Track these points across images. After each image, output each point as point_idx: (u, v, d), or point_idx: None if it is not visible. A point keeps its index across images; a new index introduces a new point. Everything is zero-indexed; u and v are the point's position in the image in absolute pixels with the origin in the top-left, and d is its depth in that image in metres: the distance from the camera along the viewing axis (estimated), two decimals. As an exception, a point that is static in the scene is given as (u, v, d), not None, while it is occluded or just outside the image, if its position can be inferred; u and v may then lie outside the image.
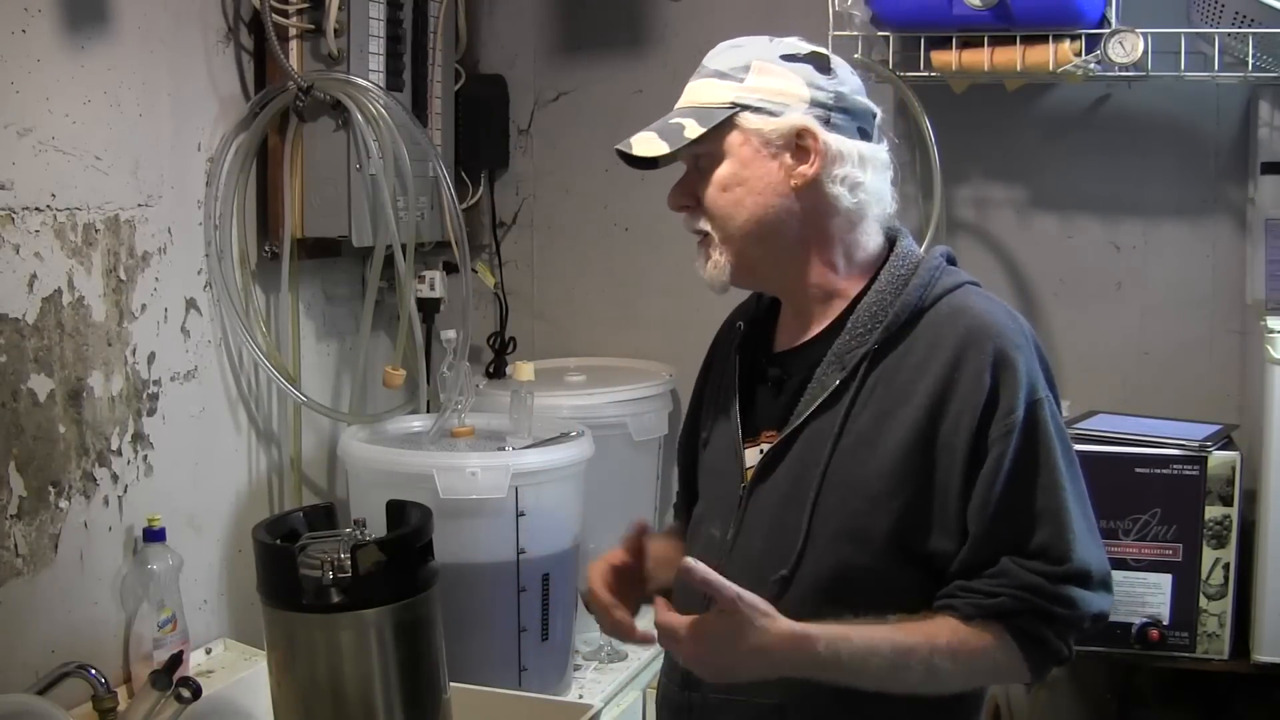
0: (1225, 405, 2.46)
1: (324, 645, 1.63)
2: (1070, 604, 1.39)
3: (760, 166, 1.48)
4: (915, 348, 1.45)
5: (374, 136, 2.27)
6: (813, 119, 1.46)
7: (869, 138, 1.51)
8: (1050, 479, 1.40)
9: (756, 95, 1.48)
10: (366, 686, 1.63)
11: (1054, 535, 1.39)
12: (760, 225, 1.49)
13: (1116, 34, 2.18)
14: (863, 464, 1.44)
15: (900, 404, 1.43)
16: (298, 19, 2.28)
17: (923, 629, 1.40)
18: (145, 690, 1.76)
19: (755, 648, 1.36)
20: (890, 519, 1.42)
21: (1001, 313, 1.46)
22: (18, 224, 1.85)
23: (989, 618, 1.39)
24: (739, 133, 1.48)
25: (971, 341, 1.42)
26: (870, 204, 1.50)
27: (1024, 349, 1.42)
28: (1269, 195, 2.35)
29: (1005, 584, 1.39)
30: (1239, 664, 2.15)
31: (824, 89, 1.48)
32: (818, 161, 1.46)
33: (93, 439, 1.99)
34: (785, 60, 1.49)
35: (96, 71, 1.98)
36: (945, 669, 1.39)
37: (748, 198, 1.48)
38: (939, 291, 1.47)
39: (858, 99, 1.51)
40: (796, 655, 1.37)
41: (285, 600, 1.64)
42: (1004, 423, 1.39)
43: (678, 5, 2.76)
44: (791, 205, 1.48)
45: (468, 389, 2.37)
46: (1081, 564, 1.39)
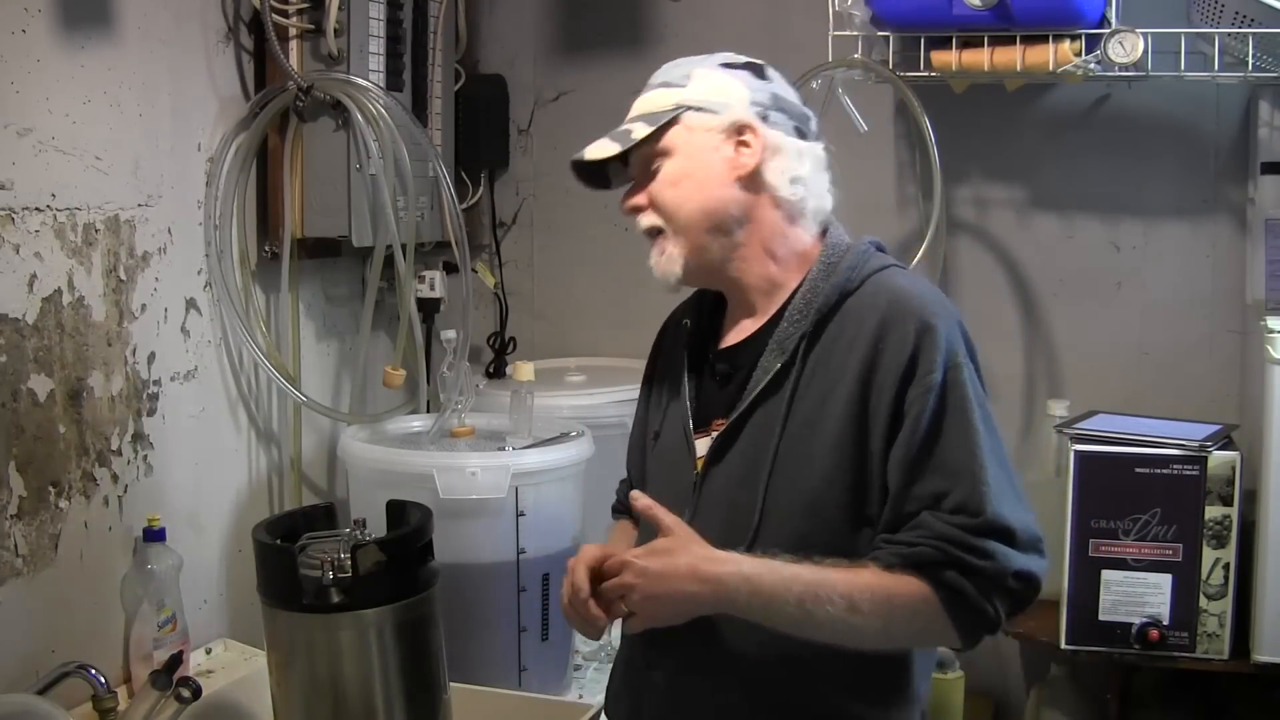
0: (1225, 405, 2.46)
1: (324, 645, 1.63)
2: (989, 556, 1.41)
3: (705, 160, 1.57)
4: (846, 327, 1.53)
5: (374, 136, 2.27)
6: (752, 115, 1.57)
7: (805, 137, 1.61)
8: (966, 437, 1.45)
9: (699, 97, 1.59)
10: (366, 686, 1.63)
11: (970, 491, 1.42)
12: (707, 215, 1.58)
13: (1116, 34, 2.18)
14: (808, 441, 1.51)
15: (837, 381, 1.51)
16: (298, 19, 2.28)
17: (846, 570, 1.45)
18: (145, 690, 1.76)
19: (686, 566, 1.46)
20: (838, 491, 1.49)
21: (923, 287, 1.56)
22: (18, 224, 1.85)
23: (909, 567, 1.43)
24: (684, 129, 1.58)
25: (894, 313, 1.50)
26: (808, 198, 1.59)
27: (944, 318, 1.49)
28: (1269, 195, 2.35)
29: (924, 534, 1.43)
30: (1239, 664, 2.15)
31: (761, 90, 1.59)
32: (758, 152, 1.56)
33: (93, 439, 1.99)
34: (724, 68, 1.61)
35: (96, 71, 1.98)
36: (865, 611, 1.43)
37: (695, 190, 1.58)
38: (865, 273, 1.55)
39: (793, 102, 1.62)
40: (721, 575, 1.45)
41: (285, 600, 1.64)
42: (922, 384, 1.46)
43: (678, 5, 2.76)
44: (736, 195, 1.58)
45: (468, 389, 2.37)
46: (999, 518, 1.41)
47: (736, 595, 1.45)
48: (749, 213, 1.58)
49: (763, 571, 1.45)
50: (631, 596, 1.49)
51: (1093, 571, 2.18)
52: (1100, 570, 2.18)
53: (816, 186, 1.60)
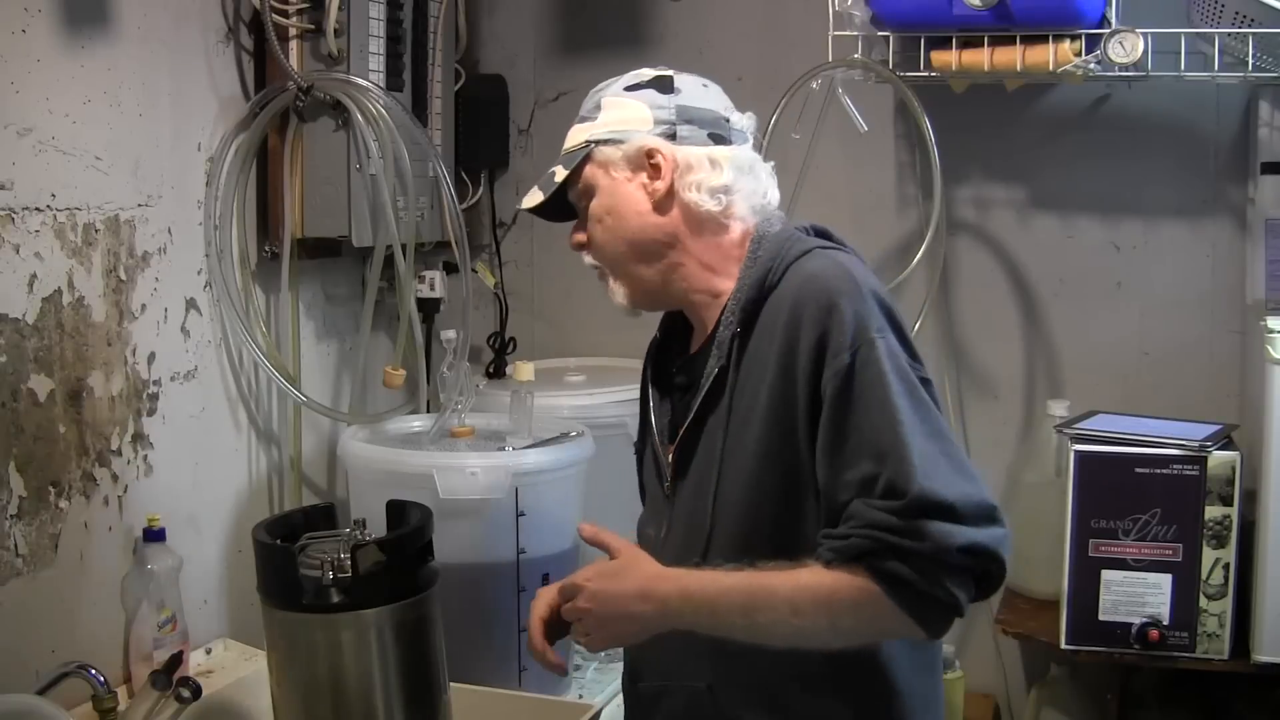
0: (1225, 405, 2.46)
1: (324, 645, 1.63)
2: (923, 536, 1.34)
3: (621, 192, 1.58)
4: (767, 320, 1.50)
5: (374, 136, 2.27)
6: (656, 137, 1.56)
7: (724, 141, 1.58)
8: (885, 415, 1.39)
9: (605, 129, 1.59)
10: (366, 686, 1.63)
11: (895, 471, 1.36)
12: (635, 246, 1.58)
13: (1116, 34, 2.18)
14: (746, 442, 1.50)
15: (762, 376, 1.49)
16: (298, 19, 2.28)
17: (787, 573, 1.42)
18: (145, 690, 1.76)
19: (634, 588, 1.49)
20: (774, 487, 1.47)
21: (830, 266, 1.49)
22: (18, 224, 1.85)
23: (847, 560, 1.38)
24: (596, 166, 1.59)
25: (802, 298, 1.46)
26: (735, 202, 1.57)
27: (850, 294, 1.44)
28: (1269, 195, 2.35)
29: (856, 525, 1.38)
30: (1239, 664, 2.15)
31: (665, 107, 1.57)
32: (668, 174, 1.55)
33: (93, 439, 1.99)
34: (629, 91, 1.60)
35: (96, 71, 1.98)
36: (809, 613, 1.40)
37: (618, 224, 1.59)
38: (786, 262, 1.52)
39: (703, 108, 1.58)
40: (668, 592, 1.47)
41: (285, 600, 1.64)
42: (833, 367, 1.42)
43: (678, 5, 2.76)
44: (658, 220, 1.57)
45: (468, 389, 2.37)
46: (929, 494, 1.34)
47: (682, 612, 1.46)
48: (675, 234, 1.57)
49: (705, 586, 1.45)
50: (586, 620, 1.52)
51: (1093, 571, 2.18)
52: (1100, 570, 2.18)
53: (746, 186, 1.58)
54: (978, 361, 2.68)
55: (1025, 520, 2.49)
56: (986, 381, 2.68)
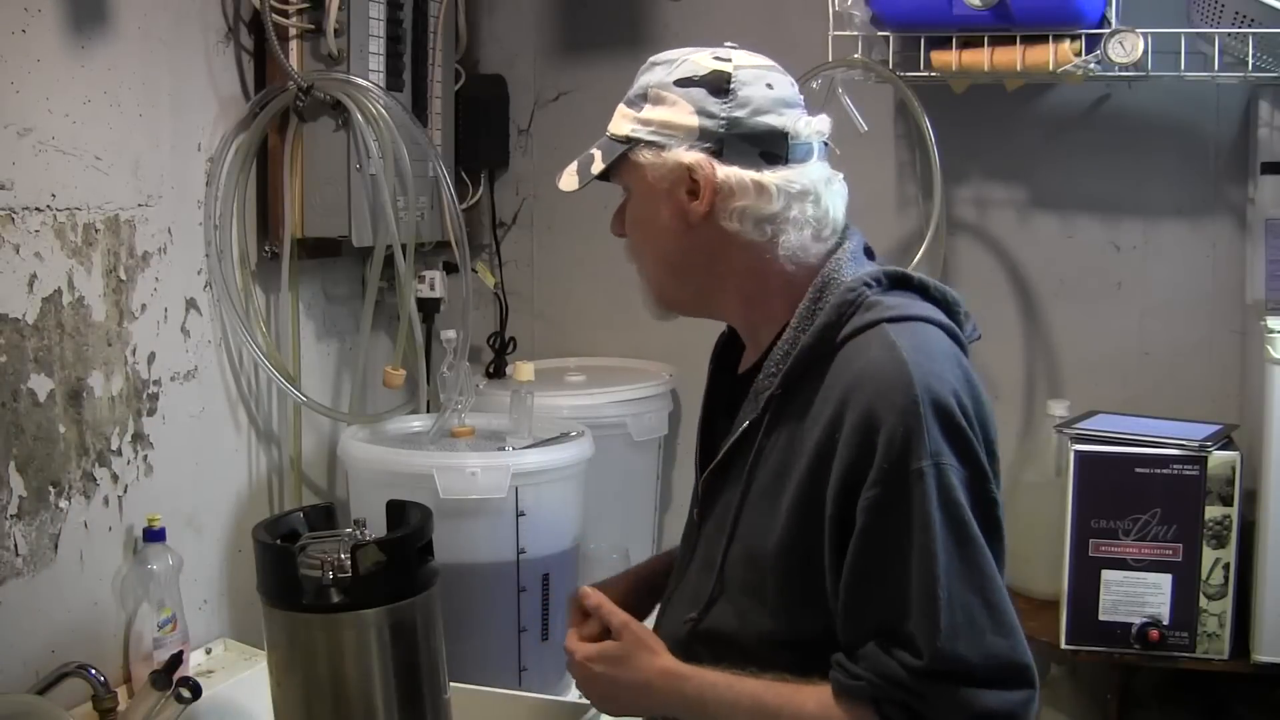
0: (1225, 405, 2.46)
1: (324, 645, 1.63)
2: (937, 701, 1.26)
3: (656, 204, 1.43)
4: (813, 399, 1.36)
5: (374, 136, 2.27)
6: (699, 153, 1.40)
7: (779, 160, 1.40)
8: (921, 563, 1.26)
9: (649, 128, 1.42)
10: (367, 686, 1.63)
11: (920, 625, 1.26)
12: (666, 263, 1.47)
13: (1116, 34, 2.18)
14: (762, 519, 1.39)
15: (795, 459, 1.36)
16: (298, 19, 2.28)
17: (792, 694, 1.34)
18: (145, 690, 1.76)
19: (635, 679, 1.44)
20: (784, 582, 1.38)
21: (890, 360, 1.31)
22: (18, 224, 1.84)
23: (856, 699, 1.31)
24: (634, 168, 1.44)
25: (849, 397, 1.31)
26: (785, 232, 1.41)
27: (904, 410, 1.28)
28: (1269, 195, 2.35)
29: (868, 668, 1.29)
30: (1239, 664, 2.15)
31: (715, 116, 1.40)
32: (708, 197, 1.40)
33: (93, 439, 1.99)
34: (679, 86, 1.41)
35: (96, 71, 1.98)
36: None
37: (650, 236, 1.47)
38: (850, 332, 1.36)
39: (760, 121, 1.40)
40: (669, 693, 1.42)
41: (285, 600, 1.64)
42: (869, 494, 1.28)
43: (678, 5, 2.76)
44: (693, 241, 1.43)
45: (468, 389, 2.37)
46: (951, 658, 1.25)
47: (682, 712, 1.42)
48: (711, 258, 1.43)
49: (707, 696, 1.39)
50: (585, 690, 1.52)
51: (1093, 571, 2.18)
52: (1100, 570, 2.18)
53: (800, 215, 1.40)
54: (978, 361, 2.63)
55: (1025, 520, 2.49)
56: (986, 381, 2.63)
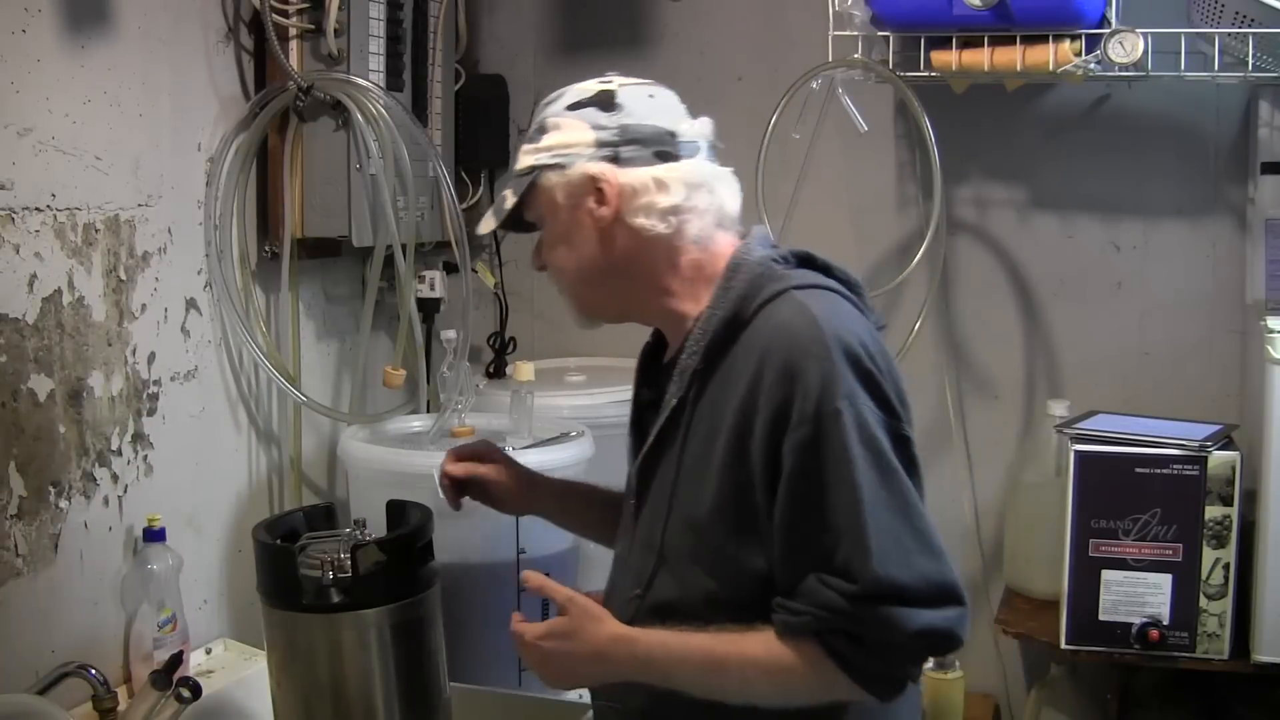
0: (1225, 405, 2.46)
1: (324, 645, 1.63)
2: (875, 622, 1.33)
3: (570, 219, 1.53)
4: (734, 365, 1.45)
5: (374, 136, 2.27)
6: (599, 162, 1.50)
7: (673, 156, 1.51)
8: (847, 494, 1.35)
9: (550, 153, 1.53)
10: (367, 686, 1.64)
11: (851, 552, 1.34)
12: (587, 273, 1.55)
13: (1116, 34, 2.18)
14: (698, 486, 1.46)
15: (719, 424, 1.44)
16: (298, 19, 2.28)
17: (739, 641, 1.41)
18: (145, 690, 1.76)
19: (587, 650, 1.48)
20: (726, 543, 1.44)
21: (801, 317, 1.41)
22: (18, 224, 1.85)
23: (800, 635, 1.38)
24: (544, 193, 1.54)
25: (767, 354, 1.40)
26: (688, 221, 1.51)
27: (817, 355, 1.37)
28: (1269, 195, 2.35)
29: (807, 603, 1.37)
30: (1239, 664, 2.15)
31: (607, 127, 1.50)
32: (614, 200, 1.49)
33: (93, 439, 1.99)
34: (571, 110, 1.53)
35: (96, 71, 1.98)
36: (760, 683, 1.41)
37: (569, 251, 1.55)
38: (760, 300, 1.45)
39: (647, 125, 1.51)
40: (622, 657, 1.46)
41: (285, 600, 1.64)
42: (793, 438, 1.37)
43: (678, 5, 2.76)
44: (608, 247, 1.52)
45: (468, 389, 2.37)
46: (884, 579, 1.33)
47: (636, 674, 1.47)
48: (627, 259, 1.52)
49: (656, 653, 1.45)
50: (541, 670, 1.54)
51: (1093, 571, 2.18)
52: (1100, 570, 2.18)
53: (699, 204, 1.51)
54: (978, 361, 2.68)
55: (1025, 520, 2.49)
56: (986, 381, 2.68)
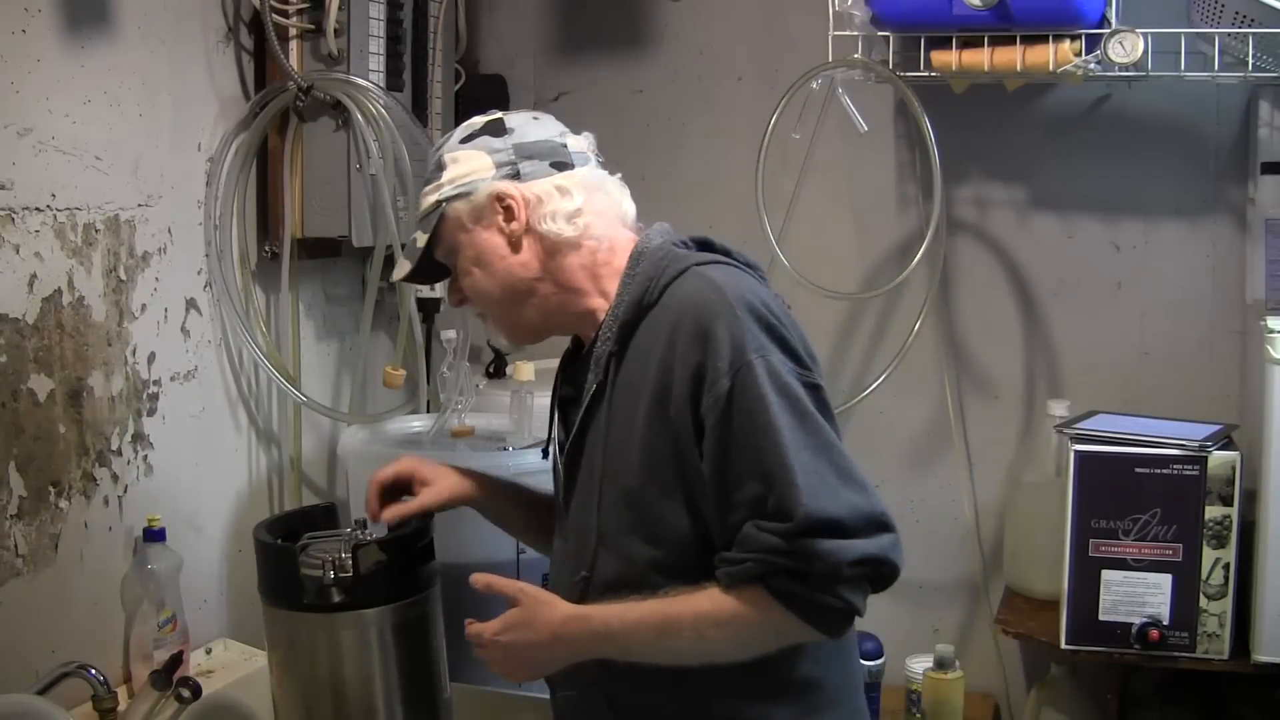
0: (1225, 405, 2.46)
1: (325, 644, 1.63)
2: (814, 555, 1.38)
3: (483, 242, 1.58)
4: (645, 342, 1.51)
5: (374, 136, 2.27)
6: (502, 180, 1.57)
7: (567, 165, 1.58)
8: (769, 439, 1.40)
9: (452, 186, 1.59)
10: (367, 686, 1.64)
11: (781, 494, 1.39)
12: (509, 290, 1.59)
13: (1116, 34, 2.18)
14: (625, 461, 1.51)
15: (638, 399, 1.50)
16: (298, 19, 2.28)
17: (687, 601, 1.45)
18: (145, 690, 1.76)
19: (544, 636, 1.52)
20: (659, 509, 1.49)
21: (705, 287, 1.48)
22: (18, 224, 1.85)
23: (744, 583, 1.42)
24: (452, 223, 1.60)
25: (678, 324, 1.47)
26: (592, 222, 1.57)
27: (725, 316, 1.44)
28: (1269, 195, 2.35)
29: (748, 549, 1.41)
30: (1239, 664, 2.15)
31: (502, 149, 1.58)
32: (522, 213, 1.56)
33: (93, 439, 1.99)
34: (464, 143, 1.60)
35: (96, 71, 1.98)
36: (714, 636, 1.44)
37: (487, 274, 1.59)
38: (664, 282, 1.51)
39: (538, 140, 1.59)
40: (578, 636, 1.50)
41: (286, 600, 1.64)
42: (711, 394, 1.42)
43: (678, 5, 2.77)
44: (524, 260, 1.58)
45: (468, 389, 2.37)
46: (817, 514, 1.38)
47: (595, 650, 1.50)
48: (542, 268, 1.58)
49: (612, 624, 1.48)
50: (502, 666, 1.56)
51: (1093, 571, 2.18)
52: (1100, 570, 2.18)
53: (599, 205, 1.58)
54: (978, 361, 2.68)
55: (1025, 520, 2.49)
56: (986, 381, 2.68)
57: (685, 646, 1.46)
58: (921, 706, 2.47)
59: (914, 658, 2.51)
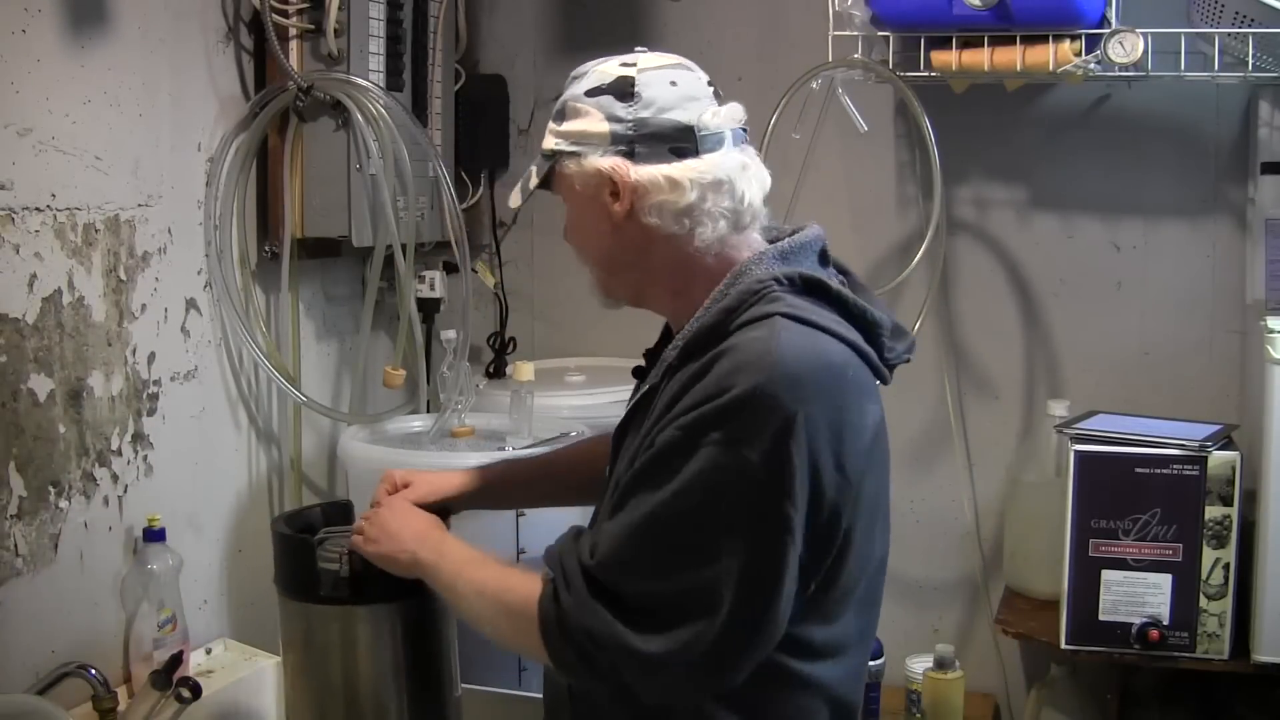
0: (1225, 405, 2.46)
1: (339, 637, 1.65)
2: (580, 597, 1.36)
3: (586, 209, 1.51)
4: (695, 368, 1.41)
5: (374, 136, 2.27)
6: (614, 157, 1.46)
7: (690, 153, 1.45)
8: (648, 501, 1.36)
9: (568, 140, 1.49)
10: (379, 679, 1.66)
11: (608, 538, 1.38)
12: (602, 262, 1.55)
13: (1116, 34, 2.18)
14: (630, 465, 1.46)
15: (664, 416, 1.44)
16: (298, 19, 2.28)
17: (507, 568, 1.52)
18: (145, 690, 1.76)
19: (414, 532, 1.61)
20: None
21: (764, 345, 1.35)
22: (18, 224, 1.84)
23: (544, 563, 1.45)
24: (563, 179, 1.52)
25: (716, 362, 1.37)
26: (702, 222, 1.46)
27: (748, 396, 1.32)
28: (1269, 195, 2.35)
29: (562, 541, 1.45)
30: (1239, 664, 2.15)
31: (623, 120, 1.46)
32: (627, 198, 1.46)
33: (93, 439, 1.99)
34: (589, 96, 1.48)
35: (96, 71, 1.98)
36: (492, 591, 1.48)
37: (585, 238, 1.55)
38: (746, 319, 1.40)
39: (666, 118, 1.45)
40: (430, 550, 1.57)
41: (302, 592, 1.66)
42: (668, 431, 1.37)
43: (678, 5, 2.76)
44: (621, 240, 1.50)
45: (468, 389, 2.37)
46: (609, 581, 1.36)
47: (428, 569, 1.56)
48: (641, 252, 1.49)
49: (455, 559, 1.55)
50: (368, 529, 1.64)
51: (1093, 571, 2.18)
52: (1100, 570, 2.18)
53: (714, 205, 1.45)
54: (978, 361, 2.68)
55: (1025, 520, 2.49)
56: (986, 381, 2.68)
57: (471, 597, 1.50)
58: (921, 706, 2.47)
59: (914, 658, 2.51)
